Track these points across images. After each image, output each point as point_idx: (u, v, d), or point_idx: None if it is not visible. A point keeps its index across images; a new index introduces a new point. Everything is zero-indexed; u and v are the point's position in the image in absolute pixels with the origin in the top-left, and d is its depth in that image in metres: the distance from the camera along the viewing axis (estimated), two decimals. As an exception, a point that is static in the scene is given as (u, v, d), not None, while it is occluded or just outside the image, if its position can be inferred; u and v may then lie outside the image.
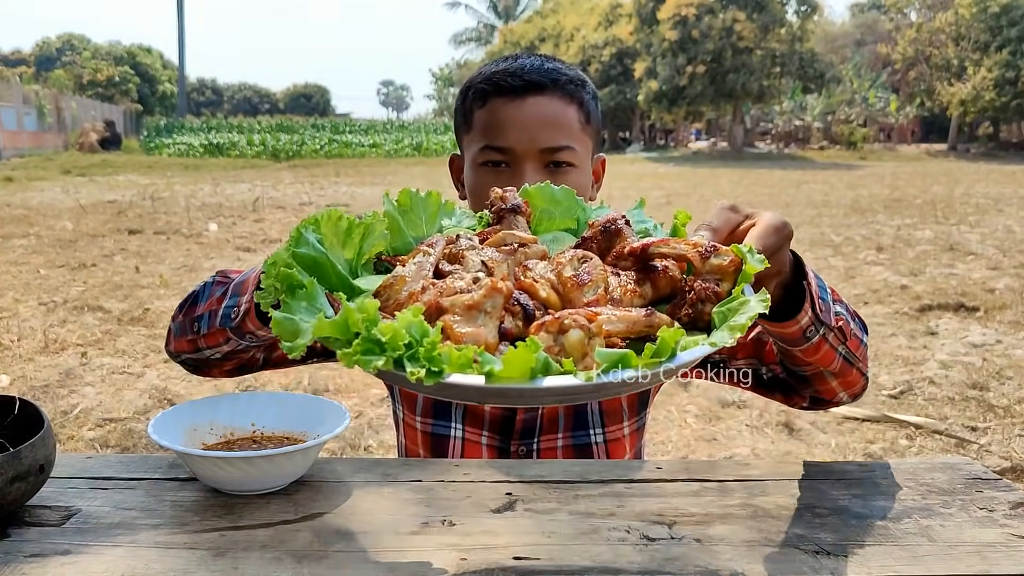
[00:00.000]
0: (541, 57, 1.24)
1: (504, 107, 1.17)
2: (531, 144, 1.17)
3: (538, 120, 1.17)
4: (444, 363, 0.61)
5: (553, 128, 1.17)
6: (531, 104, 1.17)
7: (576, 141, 1.19)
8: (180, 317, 1.19)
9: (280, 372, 4.44)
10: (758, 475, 1.05)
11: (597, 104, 1.25)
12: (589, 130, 1.22)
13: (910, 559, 0.82)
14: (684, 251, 0.77)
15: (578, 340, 0.65)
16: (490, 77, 1.20)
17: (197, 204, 13.43)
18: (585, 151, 1.21)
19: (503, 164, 1.20)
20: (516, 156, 1.18)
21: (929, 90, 38.92)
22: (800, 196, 15.74)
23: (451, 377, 0.61)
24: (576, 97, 1.19)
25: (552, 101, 1.17)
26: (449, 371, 0.61)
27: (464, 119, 1.25)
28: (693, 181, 20.25)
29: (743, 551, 0.83)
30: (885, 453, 3.44)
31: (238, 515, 0.92)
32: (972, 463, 1.09)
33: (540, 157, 1.17)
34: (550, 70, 1.19)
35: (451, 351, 0.61)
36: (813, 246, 9.15)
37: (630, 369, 0.62)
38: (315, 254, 0.75)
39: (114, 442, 3.51)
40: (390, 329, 0.61)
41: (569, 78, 1.19)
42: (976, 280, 7.06)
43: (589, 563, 0.81)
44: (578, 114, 1.19)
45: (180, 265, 7.74)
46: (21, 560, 0.81)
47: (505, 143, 1.18)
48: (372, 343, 0.61)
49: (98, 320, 5.58)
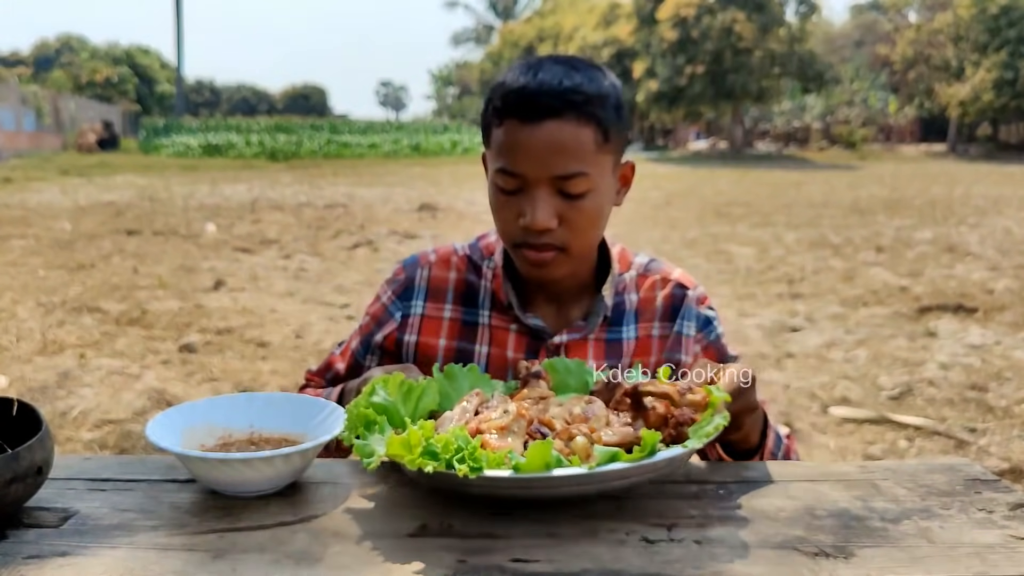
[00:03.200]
0: (565, 65, 1.18)
1: (518, 131, 1.15)
2: (542, 171, 1.15)
3: (550, 147, 1.13)
4: (483, 462, 0.83)
5: (566, 155, 1.14)
6: (545, 130, 1.13)
7: (590, 164, 1.15)
8: None
9: (279, 374, 4.45)
10: (757, 477, 1.05)
11: (621, 112, 1.20)
12: (608, 147, 1.18)
13: (909, 560, 0.82)
14: (666, 390, 0.98)
15: (583, 444, 0.87)
16: (507, 95, 1.16)
17: (195, 204, 13.43)
18: (602, 170, 1.18)
19: (518, 190, 1.18)
20: (528, 182, 1.16)
21: (928, 91, 38.96)
22: (800, 197, 15.76)
23: (488, 472, 0.82)
24: (594, 117, 1.14)
25: (566, 126, 1.13)
26: (487, 467, 0.83)
27: (485, 131, 1.24)
28: (692, 182, 20.27)
29: (742, 553, 0.84)
30: (884, 454, 3.44)
31: (236, 517, 0.92)
32: (971, 464, 1.09)
33: (552, 183, 1.15)
34: (568, 90, 1.13)
35: (488, 453, 0.84)
36: (812, 247, 9.16)
37: (621, 462, 0.83)
38: (385, 403, 1.00)
39: (112, 444, 3.50)
40: (443, 439, 0.85)
41: (587, 97, 1.14)
42: (975, 281, 7.07)
43: (588, 565, 0.81)
44: (595, 135, 1.15)
45: (178, 266, 7.73)
46: (19, 562, 0.81)
47: (517, 168, 1.16)
48: (429, 452, 0.84)
49: (96, 321, 5.57)
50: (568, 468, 0.81)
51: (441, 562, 0.81)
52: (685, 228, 10.88)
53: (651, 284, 1.35)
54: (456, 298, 1.34)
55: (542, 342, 1.29)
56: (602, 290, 1.31)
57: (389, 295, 1.37)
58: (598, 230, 1.24)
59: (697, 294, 1.36)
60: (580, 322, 1.30)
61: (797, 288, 6.88)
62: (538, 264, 1.21)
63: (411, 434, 0.85)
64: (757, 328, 5.48)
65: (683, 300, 1.34)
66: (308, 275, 7.46)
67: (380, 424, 0.95)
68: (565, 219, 1.17)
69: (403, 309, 1.35)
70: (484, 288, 1.33)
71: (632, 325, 1.32)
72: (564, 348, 1.29)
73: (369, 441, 0.91)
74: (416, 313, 1.34)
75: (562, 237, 1.18)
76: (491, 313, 1.32)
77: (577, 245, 1.20)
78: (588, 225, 1.20)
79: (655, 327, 1.33)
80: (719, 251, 8.93)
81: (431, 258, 1.38)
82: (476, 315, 1.32)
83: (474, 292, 1.34)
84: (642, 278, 1.35)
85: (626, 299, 1.33)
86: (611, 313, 1.31)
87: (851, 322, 5.68)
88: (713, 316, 1.36)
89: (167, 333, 5.27)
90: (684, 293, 1.35)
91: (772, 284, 7.08)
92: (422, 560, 0.81)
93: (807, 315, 5.89)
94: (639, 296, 1.34)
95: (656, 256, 1.41)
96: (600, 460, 0.81)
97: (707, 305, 1.37)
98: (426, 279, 1.35)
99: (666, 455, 0.85)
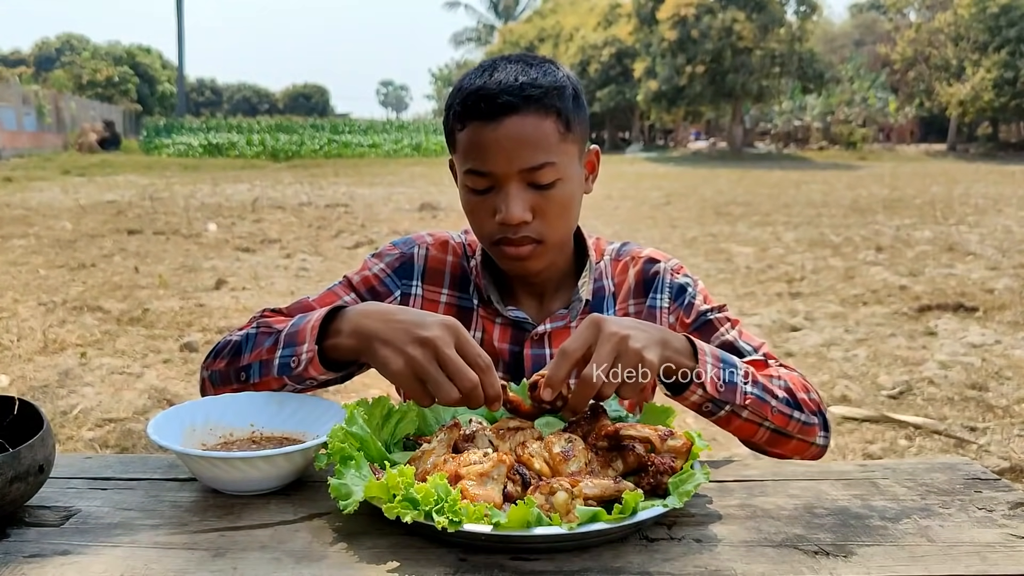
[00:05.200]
0: (519, 63, 1.21)
1: (482, 131, 1.17)
2: (510, 166, 1.17)
3: (515, 141, 1.16)
4: (463, 516, 0.81)
5: (530, 147, 1.16)
6: (507, 126, 1.15)
7: (556, 154, 1.18)
8: (221, 366, 1.20)
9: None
10: (757, 475, 1.05)
11: (580, 101, 1.23)
12: (571, 136, 1.20)
13: (909, 559, 0.82)
14: (648, 435, 0.97)
15: (563, 500, 0.85)
16: (466, 99, 1.19)
17: (196, 204, 13.43)
18: (569, 158, 1.21)
19: (489, 189, 1.20)
20: (498, 179, 1.18)
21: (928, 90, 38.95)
22: (799, 196, 15.75)
23: (467, 526, 0.81)
24: (553, 107, 1.17)
25: (527, 119, 1.16)
26: (466, 521, 0.81)
27: (449, 136, 1.26)
28: (692, 181, 20.26)
29: (742, 551, 0.84)
30: (884, 453, 3.44)
31: (237, 515, 0.92)
32: (971, 463, 1.09)
33: (521, 177, 1.18)
34: (524, 85, 1.16)
35: (468, 507, 0.83)
36: (812, 246, 9.16)
37: (602, 522, 0.82)
38: (362, 434, 0.99)
39: (113, 442, 3.51)
40: (423, 489, 0.83)
41: (544, 90, 1.17)
42: (975, 280, 7.07)
43: (588, 563, 0.81)
44: (557, 125, 1.18)
45: (179, 265, 7.73)
46: (20, 560, 0.81)
47: (485, 167, 1.18)
48: (409, 500, 0.82)
49: (97, 320, 5.58)
50: (548, 527, 0.81)
51: (441, 560, 0.81)
52: (685, 228, 10.88)
53: (623, 266, 1.37)
54: (452, 283, 1.36)
55: (526, 332, 1.31)
56: (581, 278, 1.33)
57: (382, 267, 1.36)
58: (571, 218, 1.26)
59: (670, 265, 1.37)
60: (562, 310, 1.33)
61: (797, 287, 6.88)
62: (518, 258, 1.23)
63: (389, 477, 0.84)
64: (757, 327, 5.48)
65: (655, 274, 1.35)
66: (309, 274, 7.47)
67: (357, 461, 0.93)
68: (539, 210, 1.19)
69: (403, 288, 1.35)
70: (472, 279, 1.36)
71: (611, 309, 1.34)
72: (548, 337, 1.31)
73: (346, 479, 0.89)
74: (415, 295, 1.35)
75: (538, 229, 1.20)
76: (478, 303, 1.34)
77: (553, 235, 1.22)
78: (561, 213, 1.22)
79: (630, 305, 1.35)
80: (719, 250, 8.93)
81: (428, 240, 1.39)
82: (470, 301, 1.35)
83: (467, 279, 1.36)
84: (615, 262, 1.38)
85: (604, 284, 1.36)
86: (592, 299, 1.33)
87: (851, 321, 5.68)
88: (687, 282, 1.35)
89: (168, 332, 5.27)
90: (655, 266, 1.36)
91: (772, 283, 7.08)
92: (422, 559, 0.82)
93: (807, 314, 5.89)
94: (614, 281, 1.36)
95: (627, 240, 1.43)
96: (581, 519, 0.81)
97: (682, 273, 1.37)
98: (424, 258, 1.37)
99: (647, 515, 0.84)
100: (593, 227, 11.75)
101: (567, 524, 0.81)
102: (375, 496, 0.85)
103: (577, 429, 1.03)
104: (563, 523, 0.81)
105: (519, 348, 1.31)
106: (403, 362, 0.99)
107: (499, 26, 61.44)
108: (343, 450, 0.93)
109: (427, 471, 0.92)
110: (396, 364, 0.99)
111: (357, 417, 1.00)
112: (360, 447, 0.98)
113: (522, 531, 0.81)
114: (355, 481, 0.90)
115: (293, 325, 1.12)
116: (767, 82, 34.51)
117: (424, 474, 0.92)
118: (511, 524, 0.81)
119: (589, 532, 0.81)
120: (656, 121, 43.24)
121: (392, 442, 1.07)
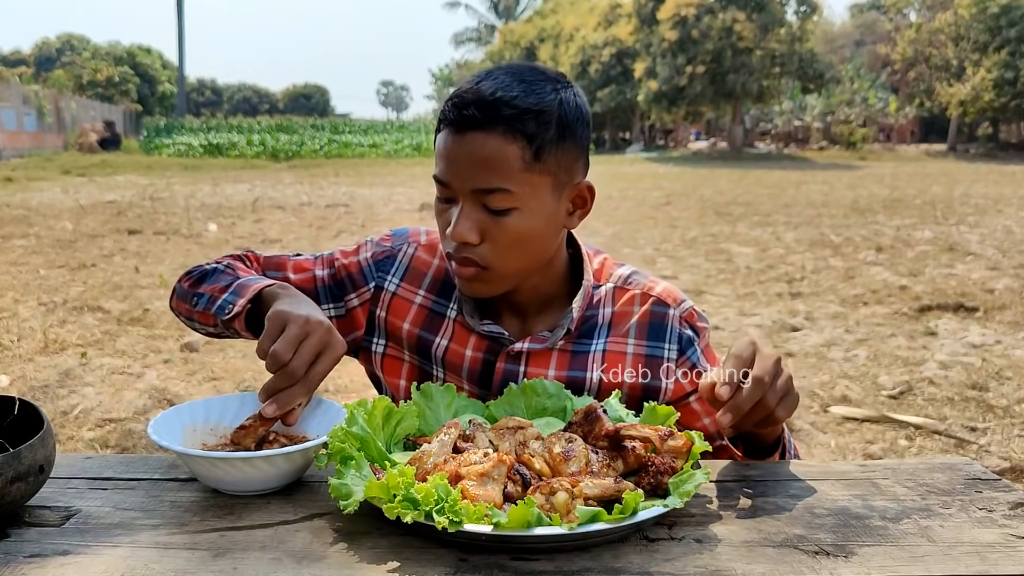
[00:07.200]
0: (510, 76, 1.13)
1: (449, 140, 1.13)
2: (464, 183, 1.12)
3: (472, 159, 1.10)
4: (463, 516, 0.81)
5: (487, 168, 1.09)
6: (468, 140, 1.10)
7: (515, 183, 1.10)
8: (186, 285, 1.28)
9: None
10: (758, 475, 1.05)
11: (568, 132, 1.13)
12: (540, 166, 1.11)
13: (909, 559, 0.82)
14: (648, 435, 0.98)
15: (564, 500, 0.86)
16: (448, 102, 1.15)
17: (197, 204, 13.43)
18: (532, 189, 1.12)
19: (450, 199, 1.16)
20: (455, 192, 1.14)
21: (928, 90, 38.91)
22: (800, 196, 15.75)
23: (468, 526, 0.81)
24: (522, 133, 1.09)
25: (490, 139, 1.09)
26: (467, 522, 0.81)
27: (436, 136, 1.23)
28: (692, 181, 20.26)
29: (743, 551, 0.84)
30: (885, 453, 3.44)
31: (238, 515, 0.92)
32: (971, 463, 1.09)
33: (475, 197, 1.12)
34: (499, 101, 1.08)
35: (468, 507, 0.83)
36: (813, 246, 9.16)
37: (602, 522, 0.82)
38: (363, 434, 1.00)
39: (114, 442, 3.51)
40: (423, 489, 0.83)
41: (518, 111, 1.09)
42: (975, 280, 7.07)
43: (589, 563, 0.81)
44: (522, 152, 1.09)
45: (180, 265, 7.73)
46: (21, 560, 0.81)
47: (444, 177, 1.14)
48: (409, 500, 0.83)
49: (98, 320, 5.58)
50: (548, 527, 0.81)
51: (442, 560, 0.81)
52: (685, 228, 10.87)
53: (629, 298, 1.28)
54: (432, 285, 1.31)
55: (503, 347, 1.25)
56: (572, 304, 1.25)
57: (367, 256, 1.34)
58: (528, 251, 1.17)
59: (680, 311, 1.27)
60: (545, 332, 1.25)
61: (797, 287, 6.88)
62: (460, 277, 1.19)
63: (390, 477, 0.85)
64: (757, 327, 5.47)
65: (664, 319, 1.26)
66: (309, 275, 7.46)
67: (357, 461, 0.94)
68: (488, 235, 1.13)
69: (378, 280, 1.32)
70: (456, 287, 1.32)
71: (603, 339, 1.25)
72: (525, 356, 1.24)
73: (346, 479, 0.90)
74: (389, 290, 1.32)
75: (483, 254, 1.14)
76: (459, 311, 1.29)
77: (500, 265, 1.15)
78: (513, 245, 1.14)
79: (630, 344, 1.25)
80: (719, 250, 8.92)
81: (421, 239, 1.36)
82: (446, 308, 1.30)
83: (451, 285, 1.31)
84: (620, 291, 1.28)
85: (600, 312, 1.27)
86: (581, 326, 1.25)
87: (851, 321, 5.68)
88: (694, 336, 1.27)
89: (168, 332, 5.27)
90: (666, 312, 1.26)
91: (772, 283, 7.08)
92: (423, 559, 0.82)
93: (807, 314, 5.89)
94: (614, 310, 1.27)
95: (640, 268, 1.34)
96: (581, 519, 0.81)
97: (692, 322, 1.27)
98: (409, 257, 1.33)
99: (647, 515, 0.84)
100: (593, 227, 11.61)
101: (567, 524, 0.81)
102: (375, 496, 0.85)
103: (577, 429, 1.03)
104: (563, 523, 0.82)
105: (493, 359, 1.25)
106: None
107: (500, 26, 61.43)
108: (343, 450, 0.94)
109: (427, 471, 0.92)
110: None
111: (358, 417, 1.01)
112: (360, 447, 0.98)
113: (522, 531, 0.81)
114: (355, 481, 0.90)
115: (248, 279, 1.20)
116: (767, 82, 34.49)
117: (424, 474, 0.92)
118: (511, 524, 0.81)
119: (589, 532, 0.82)
120: (656, 121, 43.25)
121: (392, 442, 1.07)
